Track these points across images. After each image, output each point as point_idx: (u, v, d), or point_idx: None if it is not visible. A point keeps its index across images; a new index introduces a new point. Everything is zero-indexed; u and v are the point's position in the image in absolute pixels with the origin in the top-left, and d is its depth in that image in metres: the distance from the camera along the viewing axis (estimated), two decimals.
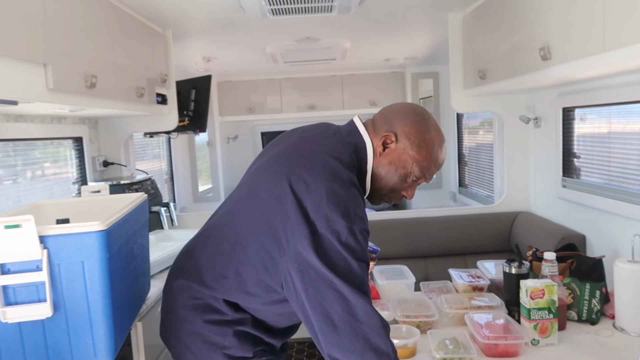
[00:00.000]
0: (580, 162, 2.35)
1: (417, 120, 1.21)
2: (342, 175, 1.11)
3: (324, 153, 1.16)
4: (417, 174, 1.21)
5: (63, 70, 1.60)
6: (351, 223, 1.06)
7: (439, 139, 1.23)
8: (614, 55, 1.42)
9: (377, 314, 1.05)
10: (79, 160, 2.61)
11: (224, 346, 1.20)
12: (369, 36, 3.14)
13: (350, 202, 1.08)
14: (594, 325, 1.59)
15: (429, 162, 1.21)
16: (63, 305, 1.11)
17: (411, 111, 1.22)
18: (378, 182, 1.23)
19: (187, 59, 3.58)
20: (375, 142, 1.21)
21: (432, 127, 1.22)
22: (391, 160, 1.21)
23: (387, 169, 1.21)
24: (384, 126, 1.22)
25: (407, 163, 1.20)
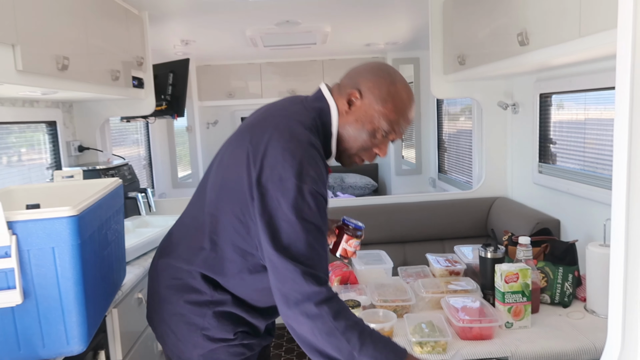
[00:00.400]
0: (556, 147, 2.38)
1: (381, 74, 1.20)
2: (300, 137, 1.11)
3: (286, 118, 1.16)
4: (386, 128, 1.19)
5: (33, 51, 1.55)
6: (301, 182, 1.06)
7: (406, 92, 1.21)
8: (590, 41, 1.43)
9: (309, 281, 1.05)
10: (52, 145, 2.55)
11: (204, 327, 1.21)
12: (349, 20, 3.11)
13: (305, 162, 1.08)
14: (566, 308, 1.63)
15: (396, 115, 1.19)
16: (33, 292, 1.09)
17: (375, 67, 1.22)
18: (347, 141, 1.22)
19: (164, 42, 3.50)
20: (341, 102, 1.20)
21: (397, 81, 1.20)
22: (357, 117, 1.19)
23: (354, 126, 1.20)
24: (349, 85, 1.21)
25: (373, 118, 1.18)
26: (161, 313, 1.25)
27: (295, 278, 1.05)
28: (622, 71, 0.79)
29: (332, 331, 1.03)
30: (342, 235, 1.42)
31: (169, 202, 3.04)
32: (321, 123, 1.20)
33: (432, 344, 1.36)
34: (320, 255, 1.09)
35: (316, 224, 1.08)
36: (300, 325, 1.05)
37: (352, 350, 1.03)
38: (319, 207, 1.08)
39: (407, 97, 1.20)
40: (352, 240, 1.41)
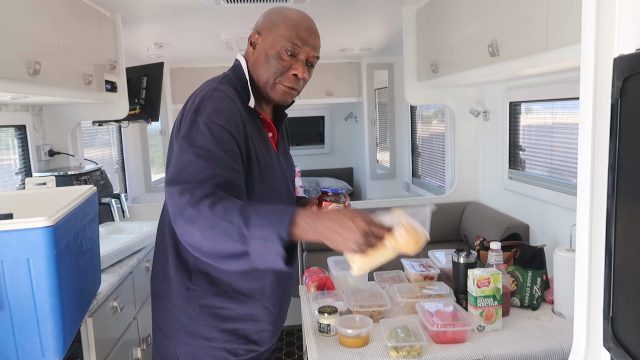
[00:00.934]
0: (526, 154, 2.46)
1: (271, 12, 1.31)
2: (208, 88, 1.22)
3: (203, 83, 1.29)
4: (288, 45, 1.24)
5: (2, 56, 1.52)
6: (196, 116, 1.14)
7: (297, 13, 1.28)
8: (556, 54, 1.49)
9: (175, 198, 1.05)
10: (22, 149, 2.49)
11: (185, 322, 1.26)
12: (324, 26, 3.12)
13: (205, 101, 1.17)
14: (535, 311, 1.69)
15: (292, 31, 1.24)
16: (7, 304, 1.07)
17: (268, 10, 1.33)
18: (262, 75, 1.27)
19: (137, 45, 3.46)
20: (248, 51, 1.31)
21: (287, 9, 1.30)
22: (261, 50, 1.27)
23: (261, 58, 1.27)
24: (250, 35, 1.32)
25: (273, 44, 1.25)
26: (153, 310, 1.32)
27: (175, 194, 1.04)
28: (585, 83, 0.84)
29: (214, 221, 0.99)
30: (320, 203, 1.40)
31: (143, 207, 3.01)
32: (236, 78, 1.29)
33: (407, 349, 1.39)
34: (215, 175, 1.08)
35: (209, 149, 1.10)
36: (191, 235, 1.02)
37: (240, 230, 0.97)
38: (213, 135, 1.12)
39: (299, 16, 1.28)
40: (331, 205, 1.38)
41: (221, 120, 1.14)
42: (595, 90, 0.82)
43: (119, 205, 2.57)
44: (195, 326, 1.25)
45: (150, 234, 2.22)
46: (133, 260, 2.02)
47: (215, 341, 1.27)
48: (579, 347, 0.82)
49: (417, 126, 4.39)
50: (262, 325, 1.34)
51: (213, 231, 0.99)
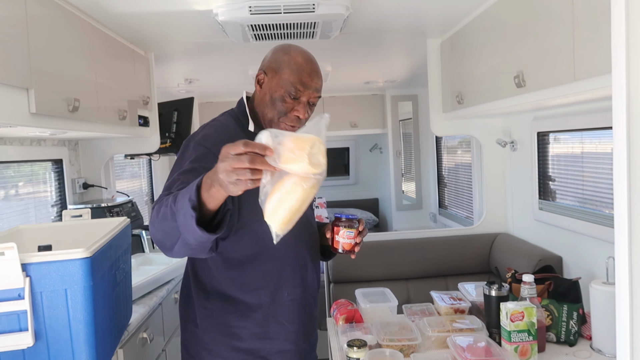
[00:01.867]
0: (556, 184, 2.42)
1: (277, 51, 1.39)
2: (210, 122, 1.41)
3: None
4: (291, 90, 1.33)
5: (45, 94, 1.60)
6: (189, 141, 1.32)
7: (301, 56, 1.36)
8: (584, 85, 1.48)
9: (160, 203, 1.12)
10: (58, 182, 2.58)
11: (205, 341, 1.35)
12: (349, 60, 3.20)
13: (200, 129, 1.37)
14: (572, 347, 1.63)
15: (294, 75, 1.33)
16: (45, 334, 1.10)
17: (274, 48, 1.42)
18: (266, 113, 1.37)
19: (168, 81, 3.58)
20: (255, 88, 1.41)
21: (292, 50, 1.37)
22: (266, 91, 1.36)
23: (266, 99, 1.36)
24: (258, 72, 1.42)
25: (278, 86, 1.34)
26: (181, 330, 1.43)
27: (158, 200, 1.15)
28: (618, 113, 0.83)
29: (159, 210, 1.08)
30: (334, 228, 1.42)
31: None
32: (238, 109, 1.44)
33: None
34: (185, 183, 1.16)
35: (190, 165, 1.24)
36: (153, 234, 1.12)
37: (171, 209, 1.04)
38: (197, 154, 1.26)
39: (302, 59, 1.36)
40: (343, 230, 1.40)
41: (208, 142, 1.29)
42: (628, 119, 0.81)
43: (149, 236, 2.62)
44: (214, 345, 1.33)
45: (179, 265, 2.25)
46: (163, 292, 2.04)
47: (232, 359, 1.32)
48: None
49: (443, 156, 4.37)
50: (280, 345, 1.37)
51: (159, 220, 1.08)
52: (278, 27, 2.26)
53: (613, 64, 0.85)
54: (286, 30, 2.31)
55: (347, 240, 1.41)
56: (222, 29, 2.28)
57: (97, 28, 2.10)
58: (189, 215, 0.98)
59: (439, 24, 2.51)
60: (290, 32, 2.35)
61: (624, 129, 0.82)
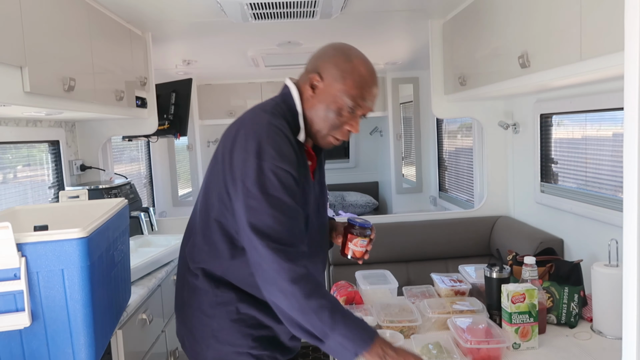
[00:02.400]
0: (558, 167, 2.40)
1: (336, 53, 1.25)
2: (261, 120, 1.19)
3: (250, 111, 1.26)
4: (350, 104, 1.23)
5: (40, 73, 1.56)
6: (260, 160, 1.14)
7: (364, 66, 1.24)
8: (591, 64, 1.45)
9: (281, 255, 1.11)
10: (55, 164, 2.55)
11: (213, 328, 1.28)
12: (350, 41, 3.11)
13: (264, 142, 1.15)
14: (572, 329, 1.62)
15: (358, 89, 1.23)
16: (42, 315, 1.09)
17: (330, 48, 1.28)
18: (317, 123, 1.26)
19: (166, 62, 3.53)
20: (306, 88, 1.26)
21: (354, 57, 1.25)
22: (321, 99, 1.24)
23: (320, 108, 1.24)
24: (309, 71, 1.27)
25: (336, 97, 1.23)
26: (182, 316, 1.35)
27: (266, 255, 1.11)
28: (631, 93, 0.80)
29: (305, 310, 1.10)
30: (347, 235, 1.41)
31: (170, 221, 3.04)
32: (287, 107, 1.26)
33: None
34: (291, 230, 1.14)
35: (281, 198, 1.14)
36: (278, 300, 1.12)
37: (324, 328, 1.09)
38: (282, 182, 1.14)
39: (366, 71, 1.24)
40: (357, 239, 1.39)
41: (285, 163, 1.15)
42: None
43: (148, 218, 2.61)
44: (222, 332, 1.29)
45: (178, 248, 2.23)
46: (162, 273, 2.04)
47: (242, 347, 1.29)
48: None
49: (444, 140, 4.35)
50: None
51: (301, 315, 1.11)
52: (278, 6, 2.22)
53: (626, 40, 0.82)
54: (286, 9, 2.26)
55: (359, 248, 1.41)
56: (221, 8, 2.24)
57: (93, 6, 2.05)
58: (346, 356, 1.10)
59: (441, 4, 2.46)
60: (291, 12, 2.31)
61: (637, 106, 0.79)
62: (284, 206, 1.14)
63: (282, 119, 1.22)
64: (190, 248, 1.32)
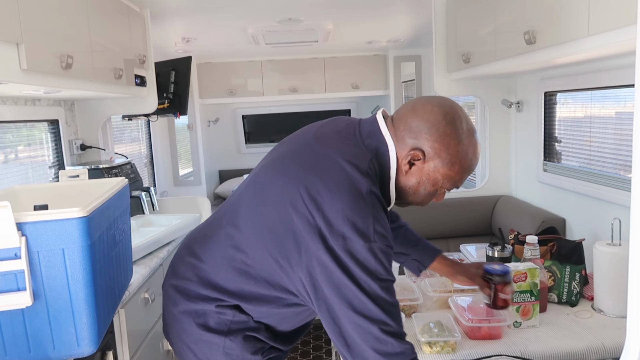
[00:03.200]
0: (561, 146, 2.38)
1: (448, 132, 1.06)
2: (360, 186, 1.01)
3: (340, 158, 1.05)
4: (448, 187, 1.13)
5: (37, 50, 1.54)
6: (370, 242, 0.97)
7: (472, 146, 1.09)
8: (598, 40, 1.42)
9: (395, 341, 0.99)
10: (55, 143, 2.53)
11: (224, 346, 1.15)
12: (351, 18, 3.10)
13: (369, 217, 0.99)
14: (573, 307, 1.63)
15: (461, 174, 1.11)
16: (43, 294, 1.08)
17: (441, 120, 1.07)
18: (405, 196, 1.14)
19: (165, 40, 3.48)
20: (400, 154, 1.09)
21: (464, 136, 1.07)
22: (420, 179, 1.10)
23: (415, 185, 1.11)
24: (409, 138, 1.08)
25: (437, 180, 1.10)
26: (177, 331, 1.20)
27: (379, 338, 0.98)
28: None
29: None
30: (492, 286, 1.40)
31: (171, 201, 3.04)
32: (378, 165, 1.08)
33: (441, 344, 1.36)
34: (398, 309, 1.02)
35: (391, 279, 1.02)
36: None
37: None
38: (389, 260, 1.01)
39: (474, 153, 1.10)
40: (506, 287, 1.39)
41: (388, 240, 1.01)
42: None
43: (149, 198, 2.60)
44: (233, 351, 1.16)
45: (180, 227, 2.24)
46: (163, 253, 2.04)
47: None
48: (634, 344, 0.78)
49: None
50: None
51: None
52: None
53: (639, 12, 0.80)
54: None
55: (509, 296, 1.41)
56: None
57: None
58: None
59: None
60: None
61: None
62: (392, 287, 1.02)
63: (375, 182, 1.06)
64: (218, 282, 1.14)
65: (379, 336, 0.98)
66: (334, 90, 4.70)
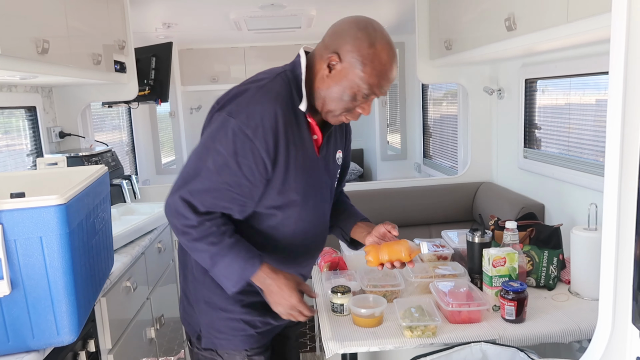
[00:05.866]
0: (541, 133, 2.41)
1: (360, 35, 1.16)
2: (259, 80, 1.22)
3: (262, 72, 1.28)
4: (366, 91, 1.19)
5: (11, 34, 1.50)
6: (230, 116, 1.16)
7: (386, 52, 1.17)
8: (577, 26, 1.44)
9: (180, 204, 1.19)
10: (32, 131, 2.48)
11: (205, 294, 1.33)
12: (335, 4, 3.08)
13: (246, 100, 1.18)
14: (551, 291, 1.66)
15: (377, 78, 1.18)
16: (21, 283, 1.07)
17: (354, 26, 1.18)
18: (329, 103, 1.22)
19: (146, 25, 3.42)
20: (322, 65, 1.20)
21: (377, 41, 1.17)
22: (338, 81, 1.19)
23: (335, 89, 1.20)
24: (326, 50, 1.20)
25: (354, 82, 1.18)
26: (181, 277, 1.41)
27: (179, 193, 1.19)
28: (616, 56, 0.80)
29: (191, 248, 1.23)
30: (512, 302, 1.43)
31: (153, 189, 3.01)
32: (293, 76, 1.23)
33: (422, 328, 1.38)
34: (211, 185, 1.18)
35: (225, 154, 1.16)
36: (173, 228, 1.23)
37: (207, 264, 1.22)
38: (236, 145, 1.15)
39: (388, 58, 1.18)
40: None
41: (250, 129, 1.14)
42: (626, 63, 0.78)
43: (130, 186, 2.57)
44: (214, 298, 1.31)
45: (162, 215, 2.22)
46: (145, 241, 2.02)
47: (233, 312, 1.31)
48: (605, 325, 0.80)
49: (429, 107, 4.33)
50: None
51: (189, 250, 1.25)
52: None
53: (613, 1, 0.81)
54: None
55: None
56: None
57: None
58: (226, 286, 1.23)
59: None
60: None
61: (621, 70, 0.78)
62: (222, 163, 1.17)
63: (285, 84, 1.21)
64: None
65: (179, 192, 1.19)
66: None
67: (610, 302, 0.80)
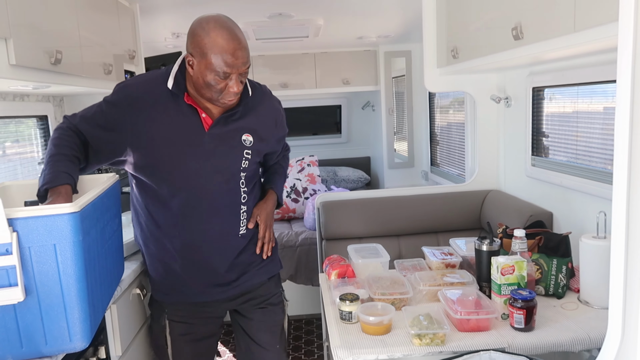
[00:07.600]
0: (549, 141, 2.41)
1: (197, 32, 1.38)
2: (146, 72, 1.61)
3: None
4: (219, 74, 1.37)
5: (25, 45, 1.53)
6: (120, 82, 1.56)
7: (220, 35, 1.36)
8: (585, 36, 1.44)
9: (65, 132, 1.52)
10: (44, 139, 2.51)
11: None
12: (342, 13, 3.10)
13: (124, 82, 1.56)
14: (560, 299, 1.66)
15: (219, 60, 1.35)
16: (35, 289, 1.09)
17: (194, 26, 1.41)
18: (204, 93, 1.44)
19: (155, 35, 3.46)
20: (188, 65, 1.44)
21: (211, 29, 1.36)
22: (197, 75, 1.40)
23: (199, 82, 1.41)
24: (187, 49, 1.44)
25: (206, 71, 1.38)
26: None
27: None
28: (624, 65, 0.80)
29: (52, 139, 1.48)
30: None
31: None
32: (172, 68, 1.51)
33: (430, 336, 1.38)
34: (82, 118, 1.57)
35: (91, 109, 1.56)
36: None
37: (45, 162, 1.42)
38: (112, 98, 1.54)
39: (223, 40, 1.35)
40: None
41: (123, 92, 1.52)
42: (633, 71, 0.79)
43: None
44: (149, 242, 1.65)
45: None
46: None
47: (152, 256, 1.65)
48: (615, 334, 0.80)
49: (436, 115, 4.33)
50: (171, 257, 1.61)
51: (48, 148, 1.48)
52: None
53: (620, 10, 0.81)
54: None
55: None
56: None
57: None
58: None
59: None
60: None
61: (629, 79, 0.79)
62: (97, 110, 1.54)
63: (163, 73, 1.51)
64: None
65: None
66: (324, 86, 4.70)
67: (620, 311, 0.80)
